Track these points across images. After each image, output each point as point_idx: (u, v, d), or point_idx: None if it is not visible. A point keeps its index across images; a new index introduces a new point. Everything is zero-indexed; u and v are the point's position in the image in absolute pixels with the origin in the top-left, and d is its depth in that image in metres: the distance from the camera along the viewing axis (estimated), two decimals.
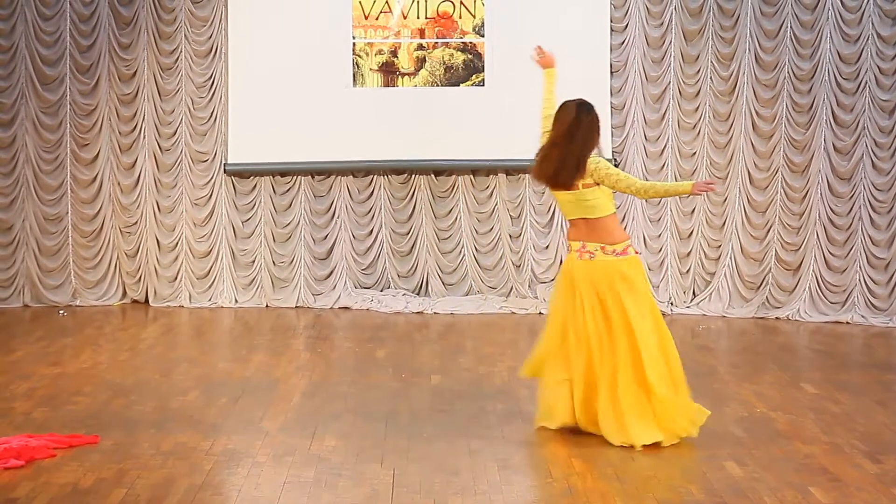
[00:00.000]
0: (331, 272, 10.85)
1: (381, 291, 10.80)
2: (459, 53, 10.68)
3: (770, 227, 10.42)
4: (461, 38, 10.67)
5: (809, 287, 10.25)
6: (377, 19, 10.64)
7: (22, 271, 10.67)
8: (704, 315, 10.37)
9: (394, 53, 10.66)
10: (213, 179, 10.76)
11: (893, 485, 5.30)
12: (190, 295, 10.75)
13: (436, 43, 10.66)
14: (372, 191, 10.88)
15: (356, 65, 10.65)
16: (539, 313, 10.40)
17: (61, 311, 10.40)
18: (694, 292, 10.59)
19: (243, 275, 10.82)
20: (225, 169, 10.73)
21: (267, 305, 10.75)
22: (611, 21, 10.57)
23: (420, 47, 10.68)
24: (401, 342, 9.11)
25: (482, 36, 10.65)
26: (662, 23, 10.53)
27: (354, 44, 10.64)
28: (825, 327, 9.90)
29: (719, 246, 10.54)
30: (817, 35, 10.21)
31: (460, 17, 10.65)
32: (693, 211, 10.58)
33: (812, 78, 10.26)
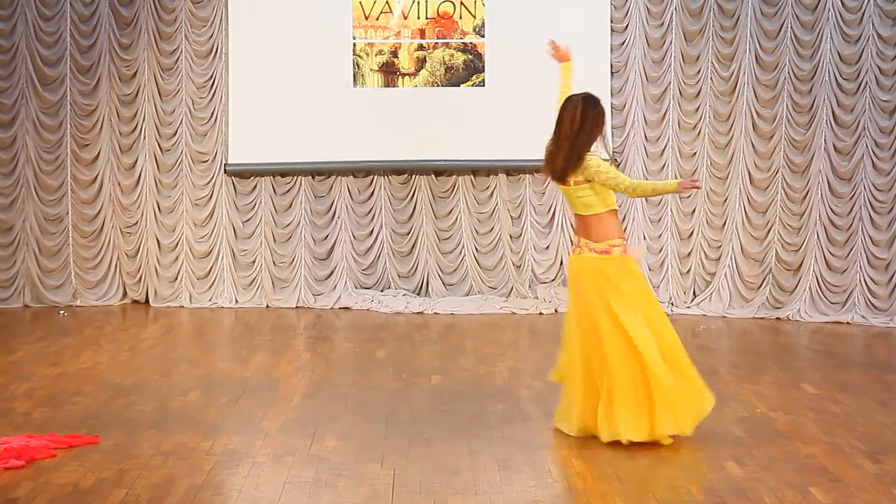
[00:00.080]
0: (331, 272, 10.85)
1: (382, 292, 10.80)
2: (460, 54, 10.68)
3: (770, 228, 10.41)
4: (461, 39, 10.67)
5: (810, 287, 10.25)
6: (377, 19, 10.64)
7: (22, 271, 10.68)
8: (705, 315, 10.37)
9: (394, 54, 10.66)
10: (214, 180, 10.77)
11: (893, 485, 5.30)
12: (190, 295, 10.75)
13: (436, 43, 10.66)
14: (372, 191, 10.88)
15: (356, 65, 10.66)
16: (539, 313, 10.41)
17: (62, 312, 10.40)
18: (694, 292, 10.59)
19: (244, 275, 10.82)
20: (225, 169, 10.73)
21: (267, 306, 10.76)
22: (611, 21, 10.58)
23: (420, 48, 10.68)
24: (401, 342, 9.11)
25: (482, 36, 10.65)
26: (663, 23, 10.53)
27: (355, 44, 10.64)
28: (825, 327, 9.90)
29: (720, 246, 10.54)
30: (818, 35, 10.21)
31: (460, 18, 10.65)
32: (693, 211, 10.58)
33: (812, 78, 10.26)
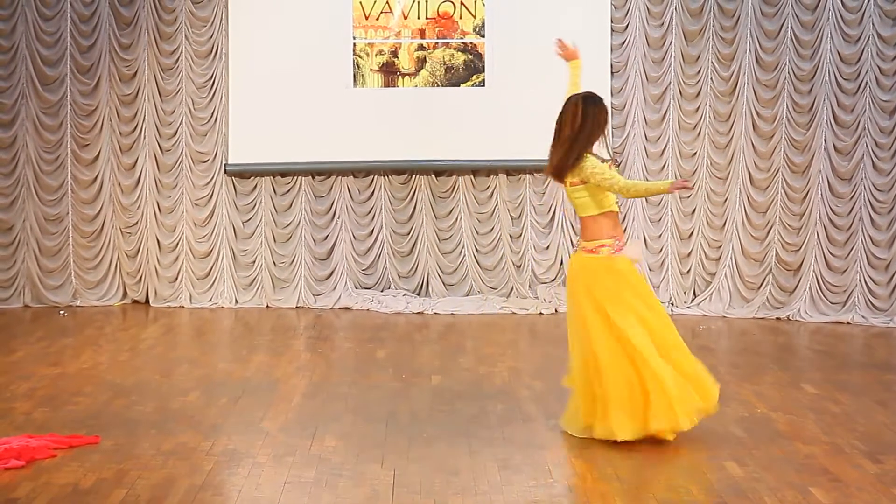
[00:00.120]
0: (331, 272, 10.85)
1: (382, 292, 10.80)
2: (460, 54, 10.68)
3: (770, 228, 10.41)
4: (462, 39, 10.67)
5: (810, 287, 10.25)
6: (378, 20, 10.64)
7: (22, 272, 10.68)
8: (705, 315, 10.37)
9: (394, 54, 10.66)
10: (214, 180, 10.77)
11: (894, 485, 5.30)
12: (190, 295, 10.75)
13: (436, 43, 10.66)
14: (372, 191, 10.88)
15: (357, 65, 10.65)
16: (539, 314, 10.41)
17: (62, 312, 10.40)
18: (694, 292, 10.59)
19: (244, 275, 10.82)
20: (225, 169, 10.73)
21: (267, 306, 10.76)
22: (611, 21, 10.57)
23: (420, 48, 10.68)
24: (401, 342, 9.11)
25: (482, 36, 10.65)
26: (663, 23, 10.53)
27: (355, 44, 10.64)
28: (825, 327, 9.90)
29: (720, 246, 10.54)
30: (818, 35, 10.21)
31: (461, 18, 10.65)
32: (693, 211, 10.58)
33: (812, 78, 10.26)
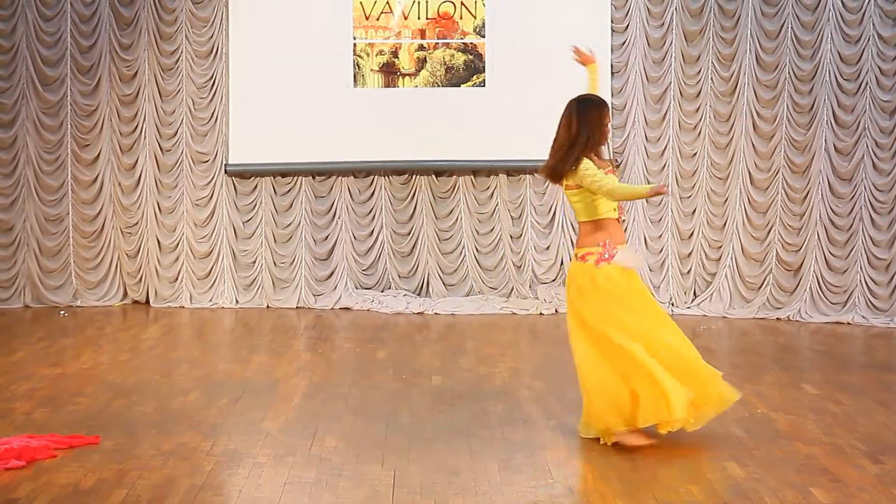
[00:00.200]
0: (331, 273, 10.85)
1: (382, 292, 10.80)
2: (460, 54, 10.68)
3: (771, 228, 10.41)
4: (462, 39, 10.67)
5: (810, 288, 10.25)
6: (378, 20, 10.64)
7: (23, 272, 10.68)
8: (705, 315, 10.37)
9: (394, 54, 10.66)
10: (214, 180, 10.77)
11: (894, 485, 5.29)
12: (191, 295, 10.75)
13: (436, 43, 10.66)
14: (373, 191, 10.88)
15: (357, 65, 10.66)
16: (540, 314, 10.41)
17: (62, 312, 10.40)
18: (695, 293, 10.59)
19: (244, 275, 10.82)
20: (226, 169, 10.73)
21: (268, 306, 10.76)
22: (611, 22, 10.57)
23: (421, 48, 10.68)
24: (401, 343, 9.11)
25: (483, 36, 10.65)
26: (663, 23, 10.53)
27: (355, 44, 10.64)
28: (826, 328, 9.90)
29: (720, 246, 10.54)
30: (818, 36, 10.21)
31: (461, 18, 10.65)
32: (694, 212, 10.58)
33: (813, 79, 10.26)
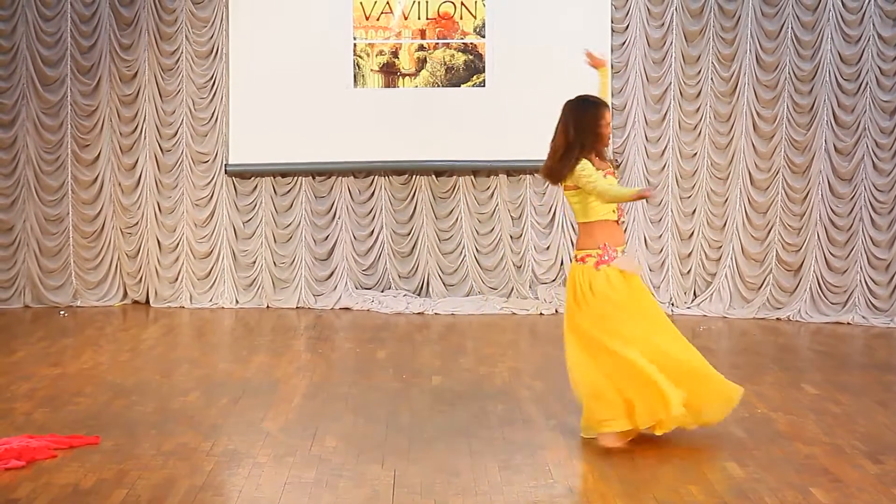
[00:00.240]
0: (331, 273, 10.85)
1: (382, 292, 10.80)
2: (460, 54, 10.68)
3: (771, 228, 10.41)
4: (462, 39, 10.67)
5: (810, 288, 10.25)
6: (378, 20, 10.64)
7: (23, 272, 10.68)
8: (705, 316, 10.37)
9: (395, 54, 10.66)
10: (214, 180, 10.77)
11: (894, 485, 5.29)
12: (191, 296, 10.75)
13: (436, 44, 10.66)
14: (373, 191, 10.88)
15: (357, 65, 10.66)
16: (540, 314, 10.41)
17: (62, 312, 10.40)
18: (695, 293, 10.59)
19: (244, 275, 10.82)
20: (226, 170, 10.73)
21: (268, 306, 10.76)
22: (612, 22, 10.57)
23: (421, 48, 10.68)
24: (401, 343, 9.11)
25: (483, 37, 10.65)
26: (663, 23, 10.53)
27: (355, 44, 10.64)
28: (826, 328, 9.90)
29: (720, 247, 10.54)
30: (818, 36, 10.21)
31: (461, 18, 10.65)
32: (694, 212, 10.58)
33: (813, 79, 10.25)
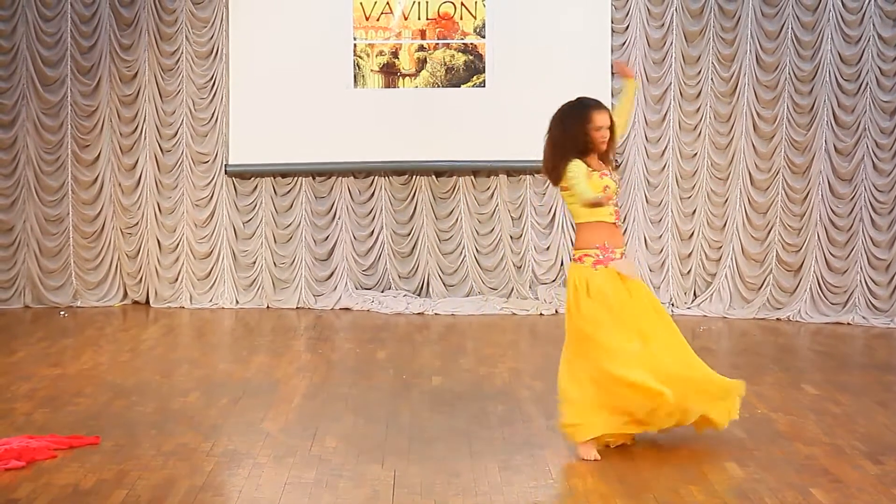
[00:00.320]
0: (332, 273, 10.85)
1: (382, 292, 10.80)
2: (460, 54, 10.68)
3: (771, 228, 10.41)
4: (462, 40, 10.67)
5: (810, 288, 10.25)
6: (378, 20, 10.64)
7: (23, 272, 10.68)
8: (705, 316, 10.36)
9: (395, 54, 10.66)
10: (214, 180, 10.77)
11: (894, 486, 5.29)
12: (191, 296, 10.75)
13: (437, 44, 10.66)
14: (373, 192, 10.88)
15: (357, 66, 10.66)
16: (540, 314, 10.41)
17: (62, 312, 10.41)
18: (695, 293, 10.59)
19: (244, 276, 10.82)
20: (226, 170, 10.73)
21: (268, 306, 10.76)
22: (612, 22, 10.57)
23: (421, 48, 10.68)
24: (401, 343, 9.11)
25: (483, 37, 10.65)
26: (663, 24, 10.53)
27: (355, 45, 10.64)
28: (826, 328, 9.89)
29: (720, 247, 10.53)
30: (818, 36, 10.20)
31: (461, 19, 10.65)
32: (694, 212, 10.58)
33: (813, 79, 10.25)
